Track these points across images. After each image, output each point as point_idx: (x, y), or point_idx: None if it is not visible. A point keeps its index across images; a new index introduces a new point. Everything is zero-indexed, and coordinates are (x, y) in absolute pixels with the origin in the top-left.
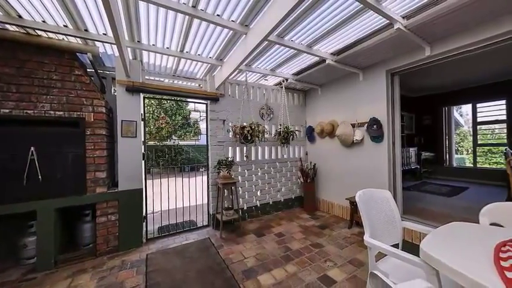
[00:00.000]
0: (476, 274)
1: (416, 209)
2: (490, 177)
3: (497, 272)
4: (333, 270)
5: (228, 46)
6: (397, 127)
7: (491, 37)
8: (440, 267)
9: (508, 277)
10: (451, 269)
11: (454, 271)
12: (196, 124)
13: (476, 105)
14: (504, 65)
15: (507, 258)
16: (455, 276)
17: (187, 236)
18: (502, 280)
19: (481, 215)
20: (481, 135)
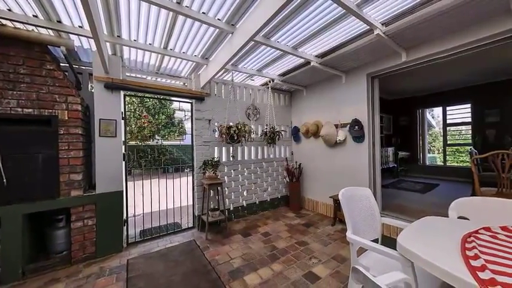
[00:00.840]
0: (445, 264)
1: (394, 205)
2: (458, 174)
3: (464, 261)
4: (317, 267)
5: (214, 45)
6: (377, 128)
7: (458, 46)
8: (414, 259)
9: (472, 265)
10: (424, 260)
11: (426, 262)
12: (180, 124)
13: (446, 108)
14: (469, 72)
15: (472, 248)
16: (428, 267)
17: (172, 238)
18: (467, 268)
19: (450, 210)
20: (450, 136)
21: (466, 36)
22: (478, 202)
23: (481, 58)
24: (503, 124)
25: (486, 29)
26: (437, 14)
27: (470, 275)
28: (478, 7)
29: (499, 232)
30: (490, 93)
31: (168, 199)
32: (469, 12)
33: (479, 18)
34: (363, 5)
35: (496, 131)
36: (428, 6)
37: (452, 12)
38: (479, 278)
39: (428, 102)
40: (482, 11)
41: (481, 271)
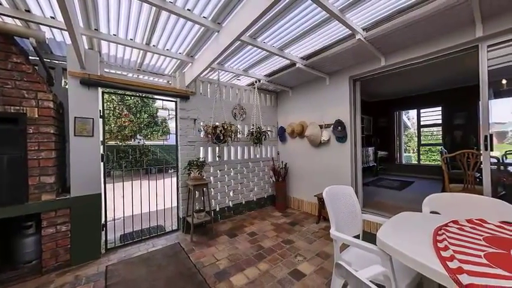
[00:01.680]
0: (419, 256)
1: (374, 202)
2: (431, 172)
3: (435, 252)
4: (302, 264)
5: (200, 43)
6: (358, 129)
7: (430, 53)
8: (392, 252)
9: (442, 256)
10: (401, 253)
11: (402, 255)
12: (164, 123)
13: (420, 111)
14: (440, 78)
15: (442, 240)
16: (404, 259)
17: (155, 242)
18: (438, 259)
19: (423, 205)
20: (424, 137)
21: (437, 44)
22: (447, 197)
23: (450, 65)
24: (469, 126)
25: (453, 39)
26: (411, 23)
27: (441, 265)
28: (447, 18)
29: (465, 224)
30: (458, 97)
31: (151, 201)
32: (439, 22)
33: (448, 28)
34: (345, 11)
35: (463, 132)
36: (404, 14)
37: (424, 22)
38: (449, 267)
39: (404, 105)
40: (450, 22)
41: (450, 261)
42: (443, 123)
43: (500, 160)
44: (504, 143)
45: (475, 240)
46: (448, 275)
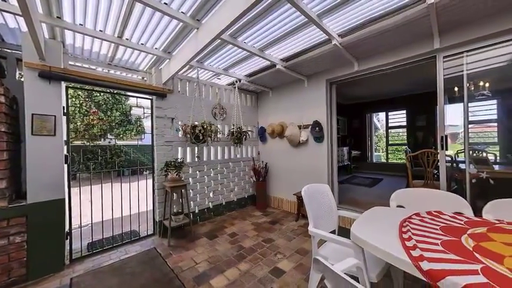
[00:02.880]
0: (387, 247)
1: (348, 199)
2: (397, 169)
3: (400, 242)
4: (282, 262)
5: (178, 39)
6: (334, 129)
7: (396, 61)
8: (364, 245)
9: (406, 245)
10: (371, 245)
11: (373, 247)
12: (138, 122)
13: (388, 113)
14: (405, 84)
15: (406, 232)
16: (374, 251)
17: (128, 249)
18: (403, 248)
19: (391, 200)
20: (391, 137)
21: (402, 53)
22: (411, 192)
23: (413, 72)
24: (428, 128)
25: (416, 49)
26: (381, 32)
27: (405, 254)
28: (410, 29)
29: (425, 216)
30: (419, 102)
31: (123, 205)
32: (404, 33)
33: (411, 39)
34: (322, 16)
35: (424, 133)
36: (375, 24)
37: (392, 32)
38: (412, 256)
39: (375, 108)
40: (414, 33)
41: (413, 250)
42: (407, 125)
43: (453, 158)
44: (456, 143)
45: (433, 230)
46: (411, 262)
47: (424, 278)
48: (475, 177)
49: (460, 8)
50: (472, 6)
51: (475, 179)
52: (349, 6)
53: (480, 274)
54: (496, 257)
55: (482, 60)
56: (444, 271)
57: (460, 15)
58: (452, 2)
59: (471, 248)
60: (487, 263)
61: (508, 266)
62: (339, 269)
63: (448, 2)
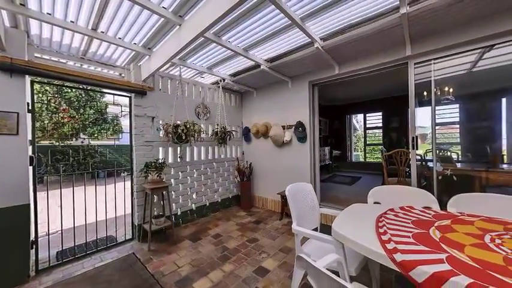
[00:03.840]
0: (365, 241)
1: (330, 197)
2: (374, 168)
3: (377, 237)
4: (266, 261)
5: (159, 35)
6: (316, 130)
7: (373, 65)
8: (344, 240)
9: (382, 239)
10: (350, 240)
11: (352, 242)
12: (116, 120)
13: (366, 115)
14: (381, 87)
15: (382, 226)
16: (353, 245)
17: (104, 256)
18: (379, 242)
19: (368, 197)
20: (368, 137)
21: (378, 58)
22: (386, 189)
23: (388, 77)
24: (401, 129)
25: (390, 55)
26: (359, 38)
27: (381, 247)
28: (386, 37)
29: (399, 211)
30: (394, 104)
31: (99, 209)
32: (380, 39)
33: (387, 45)
34: (305, 20)
35: (397, 134)
36: (354, 30)
37: (369, 38)
38: (387, 248)
39: (354, 109)
40: (388, 40)
41: (388, 243)
42: (383, 126)
43: (422, 157)
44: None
45: (406, 223)
46: (386, 255)
47: (397, 269)
48: (441, 175)
49: (428, 19)
50: (439, 19)
51: (441, 176)
52: (331, 11)
53: (445, 263)
54: (458, 246)
55: (447, 68)
56: (415, 261)
57: (428, 26)
58: (421, 13)
59: (438, 239)
60: (451, 252)
61: (468, 254)
62: (320, 265)
63: (417, 14)
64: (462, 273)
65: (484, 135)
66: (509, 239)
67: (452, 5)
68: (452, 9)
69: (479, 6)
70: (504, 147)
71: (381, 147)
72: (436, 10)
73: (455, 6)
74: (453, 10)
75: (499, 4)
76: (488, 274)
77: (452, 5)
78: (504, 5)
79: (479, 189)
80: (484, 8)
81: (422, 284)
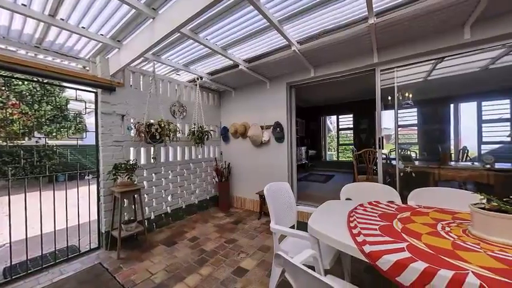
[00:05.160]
0: (338, 235)
1: (306, 195)
2: (346, 166)
3: (348, 231)
4: (245, 261)
5: (130, 27)
6: (293, 130)
7: (345, 70)
8: (319, 236)
9: (353, 233)
10: (325, 236)
11: (326, 237)
12: (79, 118)
13: (339, 117)
14: (352, 91)
15: (353, 221)
16: (327, 240)
17: (64, 268)
18: (350, 236)
19: (341, 194)
20: (341, 138)
21: (350, 64)
22: (356, 186)
23: (359, 82)
24: (369, 130)
25: (360, 61)
26: (333, 43)
27: (352, 240)
28: (356, 44)
29: (367, 206)
30: (363, 107)
31: (59, 216)
32: (351, 46)
33: (357, 52)
34: (283, 22)
35: (366, 134)
36: (328, 36)
37: (342, 45)
38: (357, 241)
39: (328, 111)
40: (359, 48)
41: (358, 236)
42: (354, 127)
43: (387, 156)
44: (389, 143)
45: (373, 217)
46: (356, 247)
47: (366, 259)
48: (402, 172)
49: (392, 30)
50: (401, 31)
51: (402, 173)
52: (307, 16)
53: (406, 251)
54: (416, 236)
55: (408, 75)
56: (381, 251)
57: (392, 36)
58: (387, 25)
59: (400, 229)
60: (411, 241)
61: (424, 242)
62: (297, 261)
63: (383, 25)
64: (419, 259)
65: (437, 136)
66: (456, 226)
67: (412, 19)
68: (413, 23)
69: (434, 23)
70: (452, 147)
71: (352, 147)
72: (399, 23)
73: (415, 21)
74: (413, 24)
75: (445, 24)
76: (440, 258)
77: (412, 20)
78: (451, 23)
79: (433, 183)
80: (437, 25)
81: (387, 271)
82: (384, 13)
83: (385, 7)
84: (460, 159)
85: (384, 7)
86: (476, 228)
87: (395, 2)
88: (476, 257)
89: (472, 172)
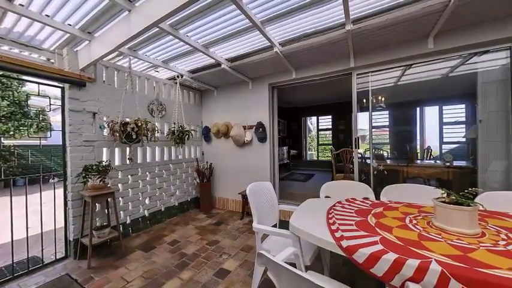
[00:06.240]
0: (318, 232)
1: (288, 194)
2: (325, 166)
3: (327, 227)
4: (228, 262)
5: (103, 18)
6: (276, 130)
7: (324, 73)
8: (300, 233)
9: (332, 229)
10: (305, 233)
11: (306, 234)
12: (42, 115)
13: (319, 118)
14: (331, 93)
15: (332, 218)
16: (307, 237)
17: (24, 283)
18: (329, 232)
19: (320, 192)
20: (321, 138)
21: (329, 67)
22: (334, 184)
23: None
24: (347, 131)
25: (338, 65)
26: (313, 47)
27: (331, 236)
28: (335, 49)
29: (345, 203)
30: (341, 109)
31: (18, 225)
32: (330, 50)
33: (335, 56)
34: (265, 24)
35: (344, 135)
36: (308, 39)
37: (321, 49)
38: (335, 237)
39: (309, 112)
40: (337, 52)
41: (336, 232)
42: (332, 128)
43: (362, 155)
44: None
45: (350, 213)
46: (335, 243)
47: (344, 254)
48: (375, 170)
49: (367, 37)
50: (375, 38)
51: (376, 171)
52: (289, 19)
53: (379, 243)
54: (388, 229)
55: (380, 80)
56: (357, 245)
57: (367, 43)
58: (362, 31)
59: (374, 224)
60: (383, 234)
61: (395, 235)
62: (279, 259)
63: (359, 31)
64: (391, 250)
65: (405, 137)
66: (421, 219)
67: (384, 28)
68: (384, 31)
69: (403, 32)
70: (418, 147)
71: (330, 147)
72: (372, 31)
73: (386, 30)
74: (385, 32)
75: (412, 34)
76: (408, 249)
77: (383, 28)
78: (417, 33)
79: (402, 180)
80: (406, 35)
81: (362, 264)
82: (360, 21)
83: (361, 15)
84: (425, 158)
85: (360, 15)
86: (438, 220)
87: (369, 11)
88: (438, 246)
89: (434, 169)
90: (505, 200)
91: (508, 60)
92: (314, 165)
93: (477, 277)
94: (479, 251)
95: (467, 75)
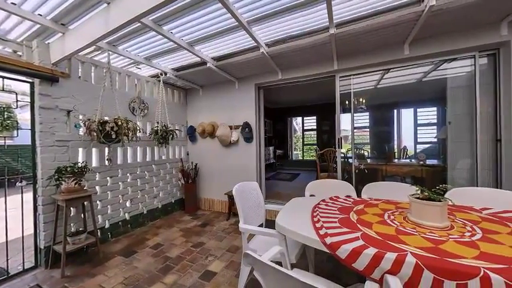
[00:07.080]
0: (303, 230)
1: (274, 193)
2: (310, 165)
3: (312, 225)
4: (213, 264)
5: (78, 10)
6: (262, 130)
7: (309, 75)
8: (286, 232)
9: (316, 227)
10: (291, 231)
11: (292, 232)
12: (7, 113)
13: (304, 118)
14: (316, 94)
15: (316, 216)
16: (293, 236)
17: None
18: (314, 230)
19: (306, 191)
20: (306, 138)
21: (313, 69)
22: (319, 183)
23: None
24: (330, 131)
25: (322, 67)
26: (298, 49)
27: (315, 234)
28: (319, 51)
29: (328, 201)
30: (325, 110)
31: None
32: (315, 53)
33: (320, 59)
34: (252, 24)
35: (327, 135)
36: (294, 41)
37: (306, 51)
38: (320, 234)
39: (294, 113)
40: (322, 55)
41: (320, 229)
42: (317, 128)
43: (345, 155)
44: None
45: (333, 211)
46: (319, 240)
47: (328, 250)
48: (357, 169)
49: (350, 41)
50: (357, 42)
51: (357, 170)
52: (275, 20)
53: (360, 239)
54: (368, 225)
55: (361, 83)
56: (340, 242)
57: (349, 46)
58: (345, 35)
59: (355, 220)
60: (364, 230)
61: (375, 230)
62: (265, 258)
63: (342, 35)
64: (371, 245)
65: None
66: (398, 214)
67: (364, 33)
68: (365, 36)
69: (381, 38)
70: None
71: (315, 147)
72: (354, 35)
73: (366, 35)
74: (366, 37)
75: (390, 40)
76: (387, 243)
77: (364, 34)
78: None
79: (381, 178)
80: (384, 40)
81: (345, 259)
82: (343, 25)
83: (344, 20)
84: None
85: (343, 19)
86: (413, 215)
87: (351, 17)
88: (413, 239)
89: (410, 168)
90: (470, 195)
91: (472, 68)
92: (299, 164)
93: (447, 266)
94: (448, 243)
95: (439, 80)
